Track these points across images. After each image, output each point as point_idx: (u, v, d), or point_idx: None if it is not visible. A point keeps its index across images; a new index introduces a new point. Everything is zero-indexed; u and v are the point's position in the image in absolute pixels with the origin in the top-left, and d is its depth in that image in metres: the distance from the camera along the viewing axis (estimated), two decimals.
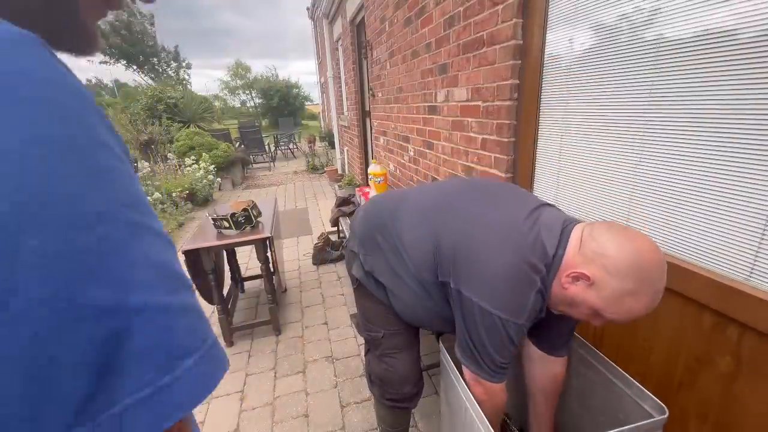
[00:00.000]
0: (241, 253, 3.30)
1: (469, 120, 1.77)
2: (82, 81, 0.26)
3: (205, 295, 2.14)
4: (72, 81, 0.24)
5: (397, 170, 3.14)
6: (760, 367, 0.81)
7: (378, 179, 2.69)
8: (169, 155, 6.15)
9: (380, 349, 1.15)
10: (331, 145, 8.12)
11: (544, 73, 1.32)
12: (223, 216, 1.96)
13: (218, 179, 6.07)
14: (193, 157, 5.88)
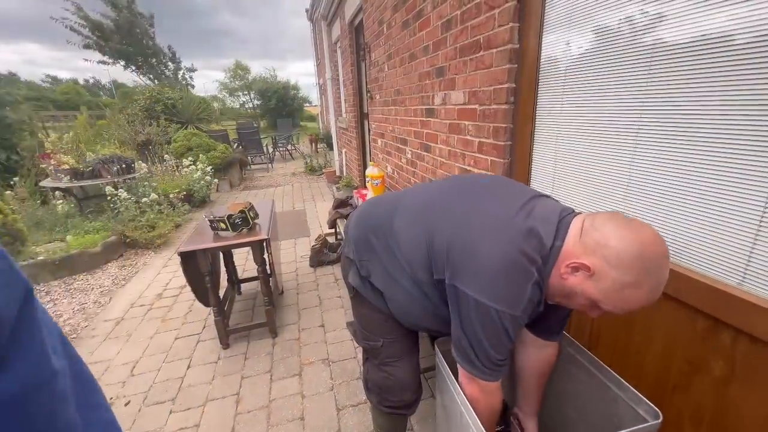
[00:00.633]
0: (238, 255, 3.28)
1: (466, 123, 1.78)
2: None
3: (202, 297, 2.13)
4: None
5: (395, 172, 3.15)
6: (754, 371, 0.81)
7: (375, 181, 2.69)
8: (166, 156, 6.14)
9: (380, 357, 1.15)
10: (330, 146, 8.12)
11: (541, 76, 1.33)
12: (220, 217, 1.96)
13: (216, 180, 6.05)
14: (190, 158, 5.86)
